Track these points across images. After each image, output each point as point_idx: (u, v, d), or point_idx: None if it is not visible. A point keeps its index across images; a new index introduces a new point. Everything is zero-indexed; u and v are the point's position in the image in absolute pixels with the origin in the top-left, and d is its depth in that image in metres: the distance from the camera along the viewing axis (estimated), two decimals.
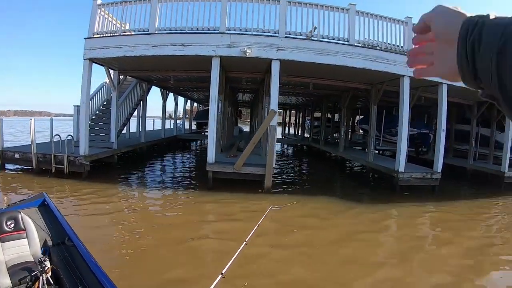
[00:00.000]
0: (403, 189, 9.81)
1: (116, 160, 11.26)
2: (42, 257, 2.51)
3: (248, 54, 8.77)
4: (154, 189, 9.06)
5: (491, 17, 0.44)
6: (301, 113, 26.15)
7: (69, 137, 9.69)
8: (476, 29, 0.43)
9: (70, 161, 9.41)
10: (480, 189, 11.24)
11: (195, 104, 27.19)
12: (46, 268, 2.36)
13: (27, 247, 2.75)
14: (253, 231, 3.17)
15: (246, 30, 9.09)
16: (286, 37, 9.06)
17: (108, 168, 10.86)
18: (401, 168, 9.83)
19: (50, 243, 2.91)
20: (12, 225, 2.76)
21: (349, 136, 21.05)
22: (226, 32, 8.99)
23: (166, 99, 16.98)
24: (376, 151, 15.14)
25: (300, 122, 26.56)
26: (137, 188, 9.24)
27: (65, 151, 9.37)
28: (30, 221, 2.87)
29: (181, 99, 22.62)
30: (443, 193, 9.89)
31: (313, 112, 22.13)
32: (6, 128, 11.96)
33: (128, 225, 5.89)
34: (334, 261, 4.78)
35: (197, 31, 9.07)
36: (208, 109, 15.86)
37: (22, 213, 2.88)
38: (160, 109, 17.77)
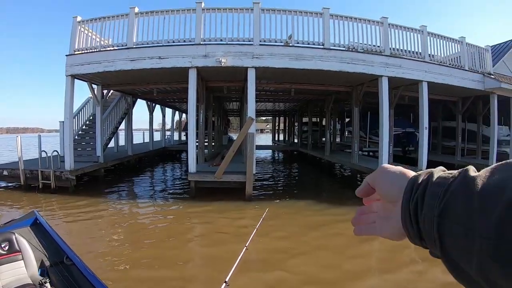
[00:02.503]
0: None
1: (103, 174, 11.40)
2: (42, 279, 2.44)
3: (223, 63, 8.93)
4: (139, 201, 9.11)
5: (436, 175, 0.42)
6: (290, 119, 26.25)
7: (55, 153, 9.83)
8: (420, 189, 0.42)
9: (57, 176, 9.57)
10: None
11: (184, 115, 27.21)
12: None
13: (24, 269, 2.64)
14: (252, 235, 3.02)
15: (221, 40, 9.23)
16: (261, 44, 9.18)
17: (95, 181, 11.01)
18: None
19: (47, 263, 2.77)
20: (7, 247, 2.64)
21: (339, 139, 21.15)
22: (201, 43, 9.15)
23: (153, 111, 17.14)
24: (365, 153, 15.22)
25: (288, 128, 26.68)
26: (122, 200, 9.25)
27: (51, 166, 9.53)
28: (24, 241, 2.76)
29: (169, 111, 22.86)
30: None
31: (301, 117, 22.20)
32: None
33: (113, 238, 5.97)
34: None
35: (173, 44, 9.24)
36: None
37: (16, 233, 2.77)
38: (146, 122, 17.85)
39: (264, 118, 41.44)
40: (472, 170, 0.39)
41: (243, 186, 9.01)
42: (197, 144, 10.09)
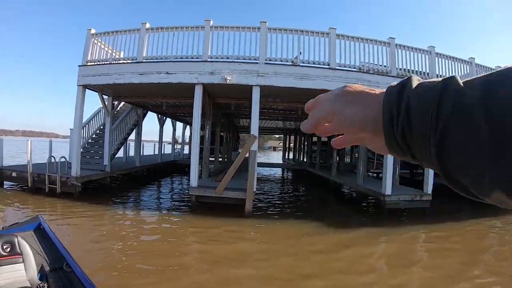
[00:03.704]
0: (392, 212, 9.58)
1: (109, 183, 11.63)
2: (41, 283, 2.49)
3: (228, 81, 9.09)
4: (139, 211, 9.28)
5: (414, 85, 0.36)
6: (300, 138, 26.07)
7: (62, 159, 10.14)
8: (402, 116, 0.35)
9: (63, 182, 9.87)
10: (480, 210, 10.50)
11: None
12: None
13: (23, 272, 2.68)
14: None
15: (228, 58, 9.41)
16: (266, 63, 9.30)
17: (101, 189, 11.26)
18: (388, 191, 9.65)
19: (47, 268, 2.80)
20: (9, 249, 2.69)
21: (349, 159, 20.85)
22: (208, 60, 9.35)
23: (163, 124, 17.51)
24: (375, 174, 14.93)
25: (297, 146, 26.55)
26: (122, 209, 9.42)
27: (58, 171, 9.83)
28: (26, 245, 2.81)
29: (180, 124, 23.10)
30: (437, 216, 9.52)
31: (310, 137, 22.06)
32: (14, 147, 12.53)
33: (111, 246, 6.06)
34: None
35: (181, 60, 9.47)
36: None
37: (18, 237, 2.82)
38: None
39: (277, 136, 41.43)
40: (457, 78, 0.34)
41: (243, 202, 8.99)
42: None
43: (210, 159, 14.93)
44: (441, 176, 0.35)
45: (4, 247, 2.67)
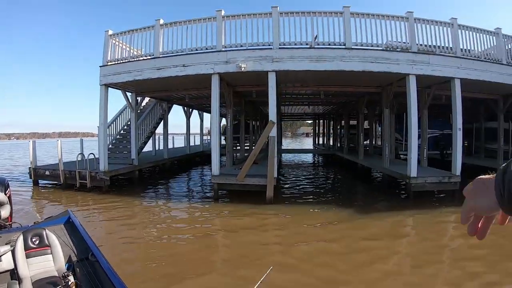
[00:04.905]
0: (419, 195, 9.18)
1: (137, 175, 12.15)
2: (66, 272, 2.59)
3: (243, 68, 9.10)
4: (164, 201, 9.69)
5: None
6: (329, 122, 25.65)
7: (91, 156, 10.72)
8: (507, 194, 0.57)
9: (92, 177, 10.46)
10: None
11: (223, 119, 27.60)
12: (69, 282, 2.42)
13: (51, 262, 2.81)
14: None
15: (242, 46, 9.41)
16: (280, 48, 9.19)
17: (129, 182, 11.81)
18: (413, 173, 9.26)
19: (74, 258, 2.97)
20: (37, 241, 2.82)
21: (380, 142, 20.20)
22: (222, 49, 9.40)
23: (190, 116, 17.90)
24: (403, 156, 14.39)
25: (327, 131, 26.08)
26: (148, 200, 9.82)
27: (87, 167, 10.42)
28: (54, 237, 2.93)
29: (207, 115, 23.30)
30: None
31: (339, 121, 21.59)
32: (52, 148, 13.31)
33: (139, 237, 6.35)
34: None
35: (196, 52, 9.59)
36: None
37: (46, 230, 2.94)
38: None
39: (309, 122, 41.12)
40: None
41: (264, 189, 9.03)
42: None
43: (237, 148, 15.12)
44: None
45: (33, 239, 2.81)
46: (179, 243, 6.00)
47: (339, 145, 21.13)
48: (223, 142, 24.21)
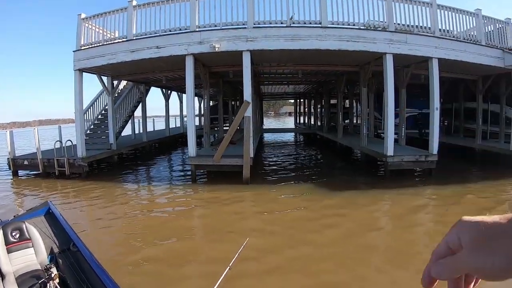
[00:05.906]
0: (395, 173, 9.34)
1: (117, 160, 12.07)
2: (48, 264, 2.55)
3: (217, 48, 8.94)
4: (143, 184, 9.82)
5: None
6: (309, 102, 25.61)
7: (68, 143, 10.56)
8: None
9: (70, 164, 10.32)
10: (486, 171, 10.33)
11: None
12: (52, 275, 2.36)
13: (33, 255, 2.78)
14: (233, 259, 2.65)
15: (216, 26, 9.23)
16: (255, 27, 9.04)
17: (108, 167, 11.75)
18: (390, 151, 9.38)
19: (56, 250, 2.95)
20: (18, 235, 2.78)
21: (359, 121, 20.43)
22: (196, 30, 9.21)
23: (168, 98, 17.68)
24: (382, 134, 14.58)
25: (308, 110, 26.21)
26: (130, 184, 9.87)
27: (65, 155, 10.27)
28: (34, 230, 2.89)
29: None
30: (442, 177, 9.15)
31: (319, 100, 21.58)
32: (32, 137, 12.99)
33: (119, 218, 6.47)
34: None
35: (169, 33, 9.38)
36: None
37: (26, 223, 2.90)
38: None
39: (292, 101, 41.31)
40: None
41: (241, 169, 9.08)
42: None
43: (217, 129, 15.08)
44: None
45: (13, 234, 2.77)
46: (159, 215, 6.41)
47: (319, 124, 21.22)
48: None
